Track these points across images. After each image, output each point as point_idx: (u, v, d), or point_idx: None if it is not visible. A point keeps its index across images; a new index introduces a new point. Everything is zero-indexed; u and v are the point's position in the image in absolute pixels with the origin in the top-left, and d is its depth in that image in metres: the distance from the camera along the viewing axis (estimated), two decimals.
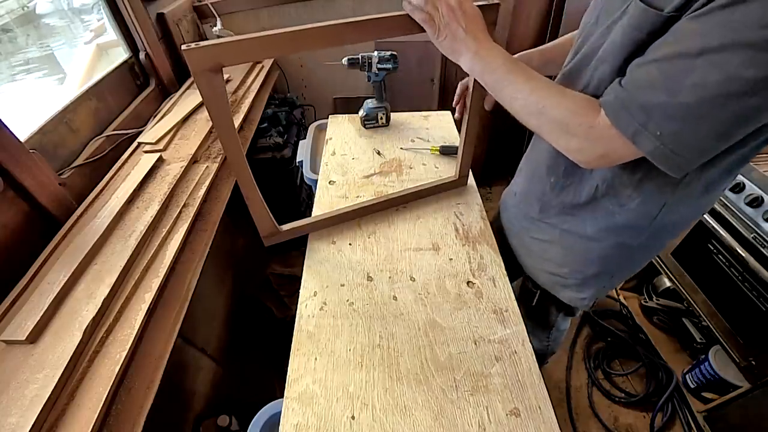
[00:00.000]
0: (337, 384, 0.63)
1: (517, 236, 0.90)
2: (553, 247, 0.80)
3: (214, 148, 1.14)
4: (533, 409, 0.59)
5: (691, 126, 0.42)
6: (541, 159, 0.75)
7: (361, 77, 1.17)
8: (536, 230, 0.82)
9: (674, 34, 0.43)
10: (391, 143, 1.17)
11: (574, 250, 0.77)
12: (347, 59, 1.12)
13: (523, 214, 0.85)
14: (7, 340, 0.63)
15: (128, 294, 0.72)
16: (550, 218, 0.77)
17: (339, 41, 0.63)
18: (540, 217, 0.79)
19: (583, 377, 1.49)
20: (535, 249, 0.85)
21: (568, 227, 0.75)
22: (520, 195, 0.85)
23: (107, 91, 1.17)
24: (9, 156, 0.78)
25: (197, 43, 0.54)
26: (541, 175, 0.75)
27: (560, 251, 0.80)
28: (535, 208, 0.79)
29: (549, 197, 0.75)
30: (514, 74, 0.58)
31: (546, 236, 0.80)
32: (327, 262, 0.83)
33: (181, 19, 1.54)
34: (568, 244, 0.77)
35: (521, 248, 0.90)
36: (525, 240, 0.87)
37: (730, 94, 0.39)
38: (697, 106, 0.40)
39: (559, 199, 0.73)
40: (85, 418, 0.56)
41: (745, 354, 1.11)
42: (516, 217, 0.89)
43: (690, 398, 1.33)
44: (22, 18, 1.23)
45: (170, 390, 0.99)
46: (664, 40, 0.44)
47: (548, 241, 0.80)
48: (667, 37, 0.44)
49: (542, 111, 0.55)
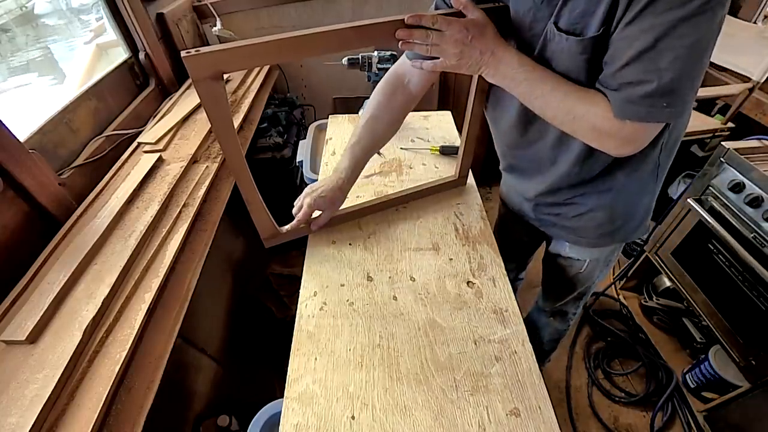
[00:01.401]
0: (337, 384, 0.63)
1: (556, 226, 0.89)
2: (598, 212, 0.80)
3: (214, 148, 1.14)
4: (533, 409, 0.59)
5: (682, 86, 0.52)
6: (545, 155, 0.76)
7: (361, 77, 1.17)
8: (574, 208, 0.82)
9: (624, 41, 0.52)
10: (391, 143, 1.16)
11: (615, 206, 0.78)
12: (347, 59, 1.12)
13: (551, 205, 0.85)
14: (7, 340, 0.63)
15: (128, 294, 0.72)
16: (584, 188, 0.77)
17: (343, 47, 0.61)
18: (572, 196, 0.80)
19: (583, 377, 1.49)
20: (582, 223, 0.84)
21: (600, 188, 0.76)
22: (541, 194, 0.84)
23: (107, 91, 1.17)
24: (9, 156, 0.78)
25: (197, 50, 0.53)
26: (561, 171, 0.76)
27: (605, 212, 0.79)
28: (565, 192, 0.79)
29: (574, 178, 0.76)
30: (539, 86, 0.60)
31: (587, 206, 0.80)
32: (327, 262, 0.83)
33: (180, 19, 1.54)
34: (608, 201, 0.78)
35: (571, 230, 0.88)
36: (568, 224, 0.86)
37: (697, 54, 0.50)
38: (678, 75, 0.51)
39: (585, 173, 0.74)
40: (85, 418, 0.56)
41: (745, 354, 1.11)
42: (545, 210, 0.88)
43: (690, 398, 1.33)
44: (21, 18, 1.23)
45: (170, 390, 0.99)
46: (617, 53, 0.53)
47: (593, 210, 0.80)
48: (618, 49, 0.53)
49: (574, 119, 0.59)
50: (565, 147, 0.71)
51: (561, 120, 0.61)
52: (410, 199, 0.96)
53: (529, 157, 0.80)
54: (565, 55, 0.59)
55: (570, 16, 0.56)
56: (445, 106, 2.10)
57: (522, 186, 0.90)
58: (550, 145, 0.73)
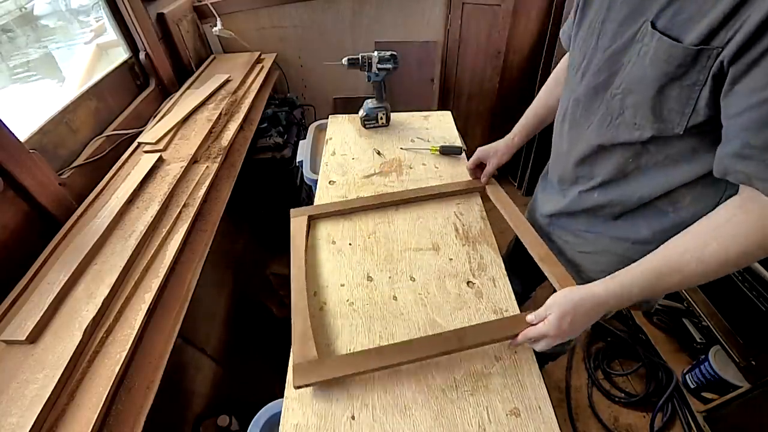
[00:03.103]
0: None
1: (564, 254, 0.85)
2: (607, 258, 0.76)
3: (214, 148, 1.14)
4: (533, 409, 0.59)
5: None
6: (568, 171, 0.75)
7: (361, 77, 1.17)
8: (584, 243, 0.79)
9: (754, 80, 0.43)
10: (391, 143, 1.17)
11: (627, 258, 0.68)
12: (347, 59, 1.12)
13: (564, 228, 0.83)
14: (7, 340, 0.63)
15: (128, 294, 0.72)
16: (597, 226, 0.75)
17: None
18: (587, 228, 0.77)
19: (583, 377, 1.49)
20: (588, 263, 0.81)
21: (620, 233, 0.72)
22: (561, 214, 0.83)
23: (107, 91, 1.17)
24: (9, 156, 0.78)
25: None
26: (574, 191, 0.75)
27: (614, 260, 0.74)
28: (581, 221, 0.77)
29: (593, 207, 0.73)
30: (666, 281, 0.53)
31: (595, 247, 0.77)
32: (327, 262, 0.83)
33: (181, 19, 1.54)
34: (621, 251, 0.73)
35: (573, 264, 0.84)
36: (575, 257, 0.83)
37: None
38: None
39: (607, 208, 0.71)
40: (85, 418, 0.56)
41: (745, 354, 1.11)
42: (557, 233, 0.86)
43: (690, 398, 1.33)
44: (21, 19, 1.23)
45: (170, 390, 0.99)
46: (745, 91, 0.44)
47: (600, 252, 0.77)
48: (746, 86, 0.44)
49: (730, 269, 0.50)
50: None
51: (717, 275, 0.50)
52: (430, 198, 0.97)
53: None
54: (653, 63, 0.51)
55: (673, 19, 0.49)
56: (445, 106, 2.11)
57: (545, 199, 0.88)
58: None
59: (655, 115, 0.55)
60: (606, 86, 0.61)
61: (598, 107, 0.63)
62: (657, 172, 0.62)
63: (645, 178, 0.64)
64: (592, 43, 0.62)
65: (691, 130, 0.53)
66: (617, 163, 0.65)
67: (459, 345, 0.63)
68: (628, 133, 0.61)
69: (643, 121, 0.57)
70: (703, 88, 0.49)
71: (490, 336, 0.65)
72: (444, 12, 1.83)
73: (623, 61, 0.57)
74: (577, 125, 0.70)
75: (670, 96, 0.52)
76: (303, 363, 0.62)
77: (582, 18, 0.65)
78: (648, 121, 0.57)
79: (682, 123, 0.53)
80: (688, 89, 0.50)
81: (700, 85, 0.49)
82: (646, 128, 0.58)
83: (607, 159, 0.66)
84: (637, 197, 0.66)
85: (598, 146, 0.66)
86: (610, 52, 0.58)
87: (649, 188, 0.64)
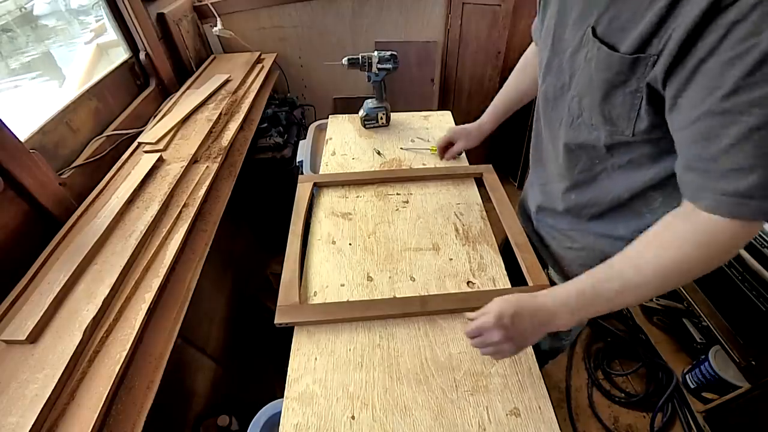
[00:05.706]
0: (337, 384, 0.63)
1: (548, 248, 0.87)
2: (589, 253, 0.77)
3: (214, 148, 1.14)
4: (533, 409, 0.59)
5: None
6: (552, 173, 0.75)
7: (361, 77, 1.17)
8: (568, 240, 0.80)
9: (693, 96, 0.43)
10: (391, 143, 1.17)
11: (609, 254, 0.71)
12: (347, 59, 1.12)
13: (551, 226, 0.83)
14: (7, 340, 0.63)
15: (128, 294, 0.72)
16: (580, 225, 0.75)
17: None
18: (571, 227, 0.78)
19: (583, 377, 1.49)
20: (570, 257, 0.82)
21: (600, 230, 0.72)
22: (544, 210, 0.83)
23: (107, 91, 1.17)
24: (9, 156, 0.78)
25: None
26: (556, 190, 0.75)
27: (598, 256, 0.72)
28: (565, 220, 0.78)
29: (573, 207, 0.74)
30: (605, 287, 0.52)
31: (579, 243, 0.78)
32: (327, 262, 0.83)
33: (181, 19, 1.54)
34: (602, 247, 0.74)
35: (555, 258, 0.86)
36: (559, 251, 0.84)
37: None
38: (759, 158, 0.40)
39: (585, 209, 0.72)
40: (86, 417, 0.56)
41: (745, 354, 1.11)
42: (544, 228, 0.87)
43: (690, 398, 1.33)
44: (20, 19, 1.23)
45: (170, 390, 0.99)
46: (686, 105, 0.44)
47: (583, 248, 0.78)
48: (687, 101, 0.44)
49: (668, 280, 0.49)
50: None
51: (663, 290, 0.50)
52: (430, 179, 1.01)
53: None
54: (595, 71, 0.52)
55: (609, 25, 0.49)
56: (445, 106, 2.11)
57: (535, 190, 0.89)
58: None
59: (605, 118, 0.56)
60: (569, 87, 0.61)
61: (565, 106, 0.64)
62: (623, 175, 0.63)
63: (612, 181, 0.65)
64: (550, 42, 0.62)
65: (642, 135, 0.54)
66: (585, 166, 0.66)
67: (421, 309, 0.71)
68: (587, 133, 0.61)
69: (598, 123, 0.58)
70: (645, 96, 0.49)
71: (452, 306, 0.71)
72: (444, 12, 1.83)
73: (579, 63, 0.57)
74: (550, 122, 0.70)
75: (615, 101, 0.53)
76: (285, 306, 0.73)
77: (543, 16, 0.66)
78: (601, 124, 0.57)
79: (630, 127, 0.54)
80: (631, 96, 0.50)
81: (642, 92, 0.49)
82: (601, 130, 0.58)
83: (577, 159, 0.66)
84: (610, 199, 0.67)
85: (566, 145, 0.66)
86: (570, 53, 0.58)
87: (619, 190, 0.64)
